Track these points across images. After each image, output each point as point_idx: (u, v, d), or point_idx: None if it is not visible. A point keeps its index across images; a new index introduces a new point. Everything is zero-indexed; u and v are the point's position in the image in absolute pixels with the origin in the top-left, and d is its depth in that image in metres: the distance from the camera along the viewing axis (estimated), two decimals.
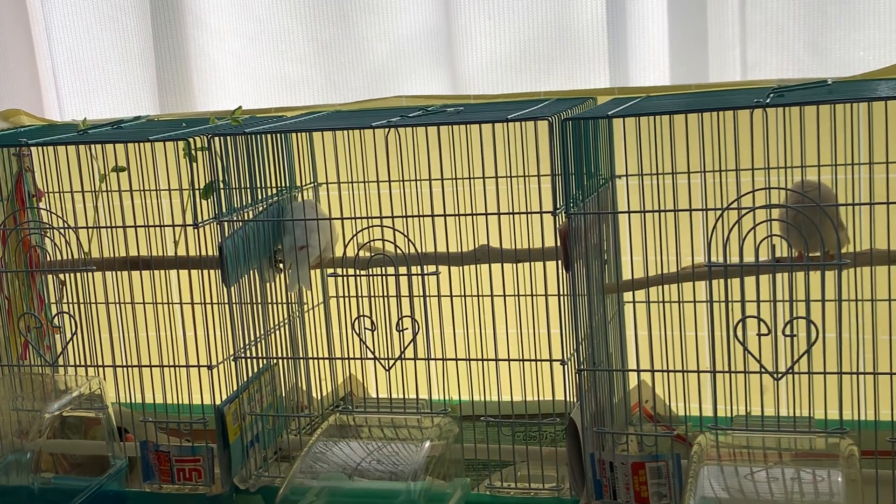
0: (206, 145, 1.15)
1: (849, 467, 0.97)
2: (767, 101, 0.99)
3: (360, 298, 1.16)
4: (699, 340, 1.08)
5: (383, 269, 1.14)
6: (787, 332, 0.98)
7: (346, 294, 1.25)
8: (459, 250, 1.20)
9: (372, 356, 1.14)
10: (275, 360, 1.26)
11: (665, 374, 1.11)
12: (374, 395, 1.41)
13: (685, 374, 1.08)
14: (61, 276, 1.32)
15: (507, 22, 1.54)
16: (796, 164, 1.10)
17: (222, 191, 1.16)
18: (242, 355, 1.19)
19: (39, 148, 1.32)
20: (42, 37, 1.75)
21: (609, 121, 1.16)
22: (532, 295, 1.19)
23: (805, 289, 1.00)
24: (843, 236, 1.06)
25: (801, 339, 0.98)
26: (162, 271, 1.27)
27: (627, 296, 1.22)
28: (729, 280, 1.01)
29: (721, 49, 1.48)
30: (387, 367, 1.14)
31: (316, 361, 1.34)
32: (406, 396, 1.18)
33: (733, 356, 1.01)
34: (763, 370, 0.99)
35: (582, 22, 1.51)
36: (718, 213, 0.98)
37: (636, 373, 1.20)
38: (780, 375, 0.99)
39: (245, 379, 1.20)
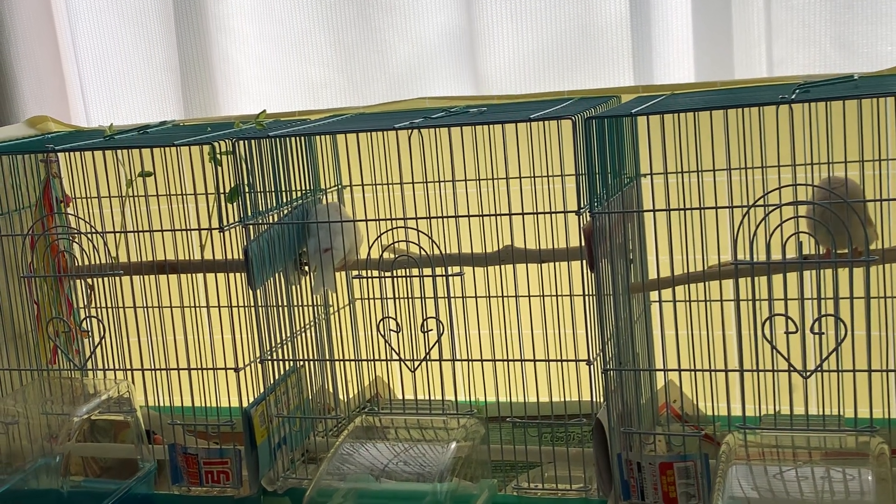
0: (231, 149, 1.15)
1: (879, 466, 0.96)
2: (793, 97, 0.98)
3: (384, 300, 1.16)
4: (727, 339, 1.08)
5: (408, 270, 1.14)
6: (816, 329, 0.97)
7: (372, 296, 1.25)
8: (484, 251, 1.20)
9: (397, 358, 1.14)
10: (301, 363, 1.26)
11: (692, 373, 1.10)
12: (401, 397, 1.41)
13: (713, 373, 1.08)
14: (89, 280, 1.33)
15: (530, 21, 1.54)
16: (823, 161, 1.09)
17: (247, 194, 1.16)
18: (269, 358, 1.20)
19: (67, 154, 1.33)
20: (68, 44, 1.76)
21: (633, 119, 1.16)
22: (557, 295, 1.19)
23: (833, 286, 0.99)
24: (871, 232, 1.04)
25: (829, 336, 0.97)
26: (189, 275, 1.28)
27: (654, 295, 1.21)
28: (756, 278, 1.01)
29: (746, 46, 1.46)
30: (412, 369, 1.14)
31: (342, 363, 1.34)
32: (432, 398, 1.18)
33: (761, 355, 1.00)
34: (791, 368, 0.99)
35: (605, 20, 1.50)
36: (744, 210, 0.97)
37: (663, 372, 1.19)
38: (808, 374, 0.98)
39: (272, 381, 1.20)
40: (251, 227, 1.17)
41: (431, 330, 1.12)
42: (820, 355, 0.97)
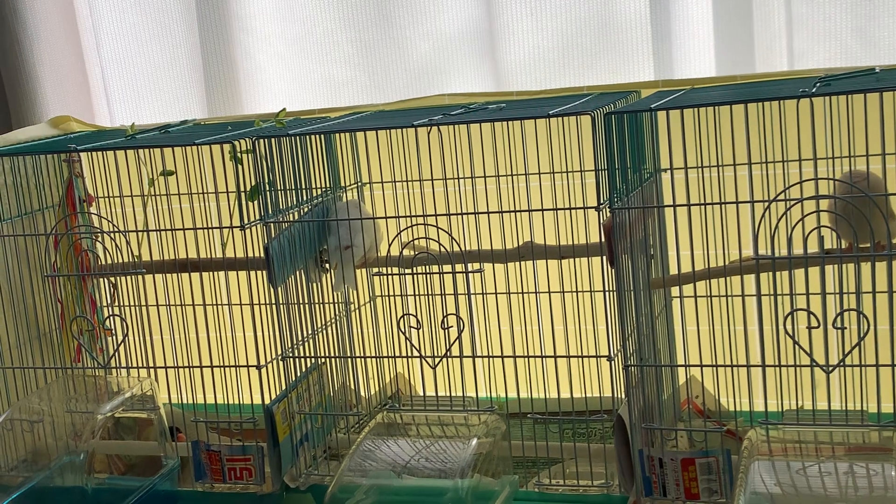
0: (252, 148, 1.16)
1: None
2: (814, 90, 0.97)
3: (405, 297, 1.16)
4: (748, 334, 1.07)
5: (428, 267, 1.14)
6: (838, 324, 0.96)
7: (392, 293, 1.26)
8: (504, 247, 1.20)
9: (418, 354, 1.14)
10: (322, 360, 1.26)
11: (714, 368, 1.09)
12: (422, 393, 1.41)
13: (735, 368, 1.07)
14: (112, 279, 1.34)
15: (550, 17, 1.53)
16: (844, 154, 1.08)
17: (268, 192, 1.17)
18: (290, 355, 1.20)
19: (89, 153, 1.34)
20: (91, 45, 1.78)
21: (653, 114, 1.15)
22: (578, 291, 1.18)
23: (856, 280, 0.98)
24: (893, 226, 1.03)
25: (852, 331, 0.96)
26: (211, 273, 1.28)
27: (675, 291, 1.20)
28: (777, 273, 1.00)
29: (767, 39, 1.46)
30: (433, 365, 1.14)
31: (363, 360, 1.34)
32: (453, 394, 1.18)
33: (783, 350, 1.00)
34: (814, 363, 0.98)
35: (625, 15, 1.50)
36: (766, 205, 0.96)
37: (685, 368, 1.18)
38: (831, 369, 0.98)
39: (293, 378, 1.21)
40: (272, 225, 1.17)
41: (452, 326, 1.12)
42: (842, 350, 0.97)
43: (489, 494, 1.10)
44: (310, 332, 1.23)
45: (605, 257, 1.08)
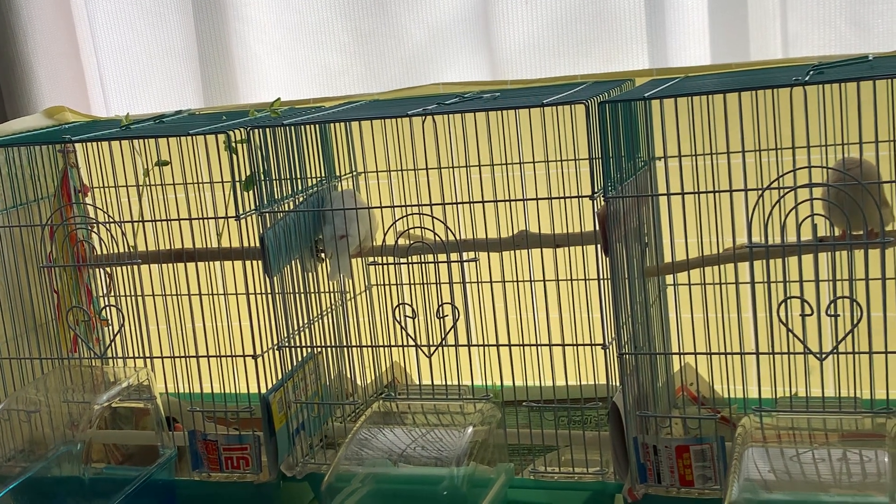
0: (246, 138, 1.16)
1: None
2: (807, 78, 0.97)
3: (400, 286, 1.16)
4: (742, 322, 1.07)
5: (423, 256, 1.14)
6: (831, 311, 0.97)
7: (387, 282, 1.26)
8: (498, 236, 1.20)
9: (414, 343, 1.15)
10: (319, 349, 1.27)
11: (708, 356, 1.10)
12: (417, 382, 1.42)
13: (729, 355, 1.08)
14: (108, 269, 1.34)
15: (544, 5, 1.53)
16: (838, 142, 1.08)
17: (263, 182, 1.17)
18: (286, 344, 1.20)
19: (84, 144, 1.34)
20: (86, 34, 1.77)
21: (647, 102, 1.15)
22: (572, 279, 1.19)
23: (849, 268, 0.98)
24: (886, 214, 1.04)
25: (845, 318, 0.96)
26: (206, 263, 1.29)
27: (669, 278, 1.21)
28: (771, 260, 1.00)
29: (761, 26, 1.46)
30: (428, 354, 1.14)
31: (359, 349, 1.35)
32: (448, 383, 1.19)
33: (777, 337, 1.00)
34: (807, 351, 0.98)
35: (619, 2, 1.50)
36: (759, 193, 0.97)
37: (679, 355, 1.19)
38: (824, 356, 0.98)
39: (290, 368, 1.21)
40: (267, 214, 1.17)
41: (447, 315, 1.12)
42: (836, 337, 0.97)
43: (485, 482, 1.10)
44: (306, 321, 1.24)
45: (599, 246, 1.08)
